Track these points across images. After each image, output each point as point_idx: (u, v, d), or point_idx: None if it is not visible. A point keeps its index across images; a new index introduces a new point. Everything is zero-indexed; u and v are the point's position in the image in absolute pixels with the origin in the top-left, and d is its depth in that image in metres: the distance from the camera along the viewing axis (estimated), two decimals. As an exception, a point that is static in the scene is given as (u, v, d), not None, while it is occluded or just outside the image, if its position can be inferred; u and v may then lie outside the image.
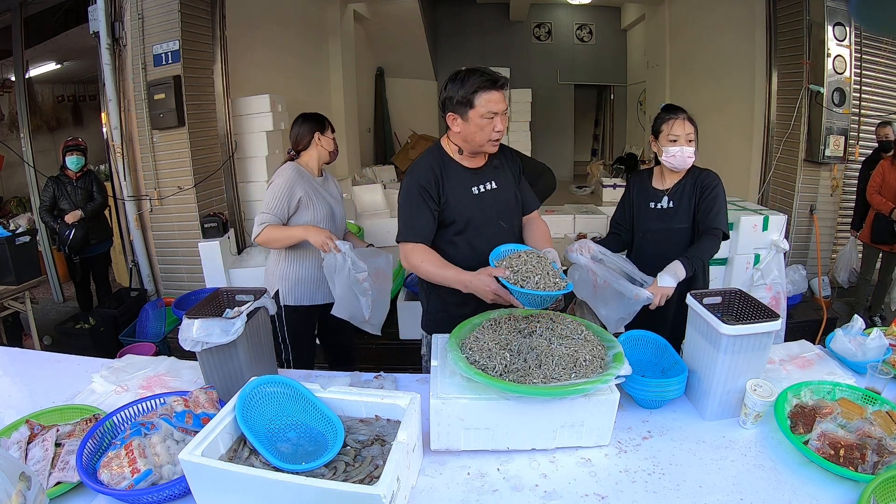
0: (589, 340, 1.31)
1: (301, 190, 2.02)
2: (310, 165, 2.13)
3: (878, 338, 1.54)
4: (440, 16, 9.20)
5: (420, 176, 1.59)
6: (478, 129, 1.52)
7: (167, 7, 3.54)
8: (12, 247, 3.27)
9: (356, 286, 1.91)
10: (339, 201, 2.21)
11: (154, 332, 3.48)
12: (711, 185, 1.87)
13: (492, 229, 1.64)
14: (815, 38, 3.77)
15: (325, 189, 2.15)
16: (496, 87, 1.48)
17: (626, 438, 1.29)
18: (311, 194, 2.06)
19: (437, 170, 1.59)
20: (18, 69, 4.62)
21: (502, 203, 1.67)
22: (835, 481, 1.12)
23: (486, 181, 1.64)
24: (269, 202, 1.99)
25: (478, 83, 1.47)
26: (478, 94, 1.48)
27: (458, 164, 1.62)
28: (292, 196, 2.00)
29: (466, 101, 1.49)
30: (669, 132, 1.86)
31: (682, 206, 1.90)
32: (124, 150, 3.74)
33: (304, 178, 2.06)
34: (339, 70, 6.75)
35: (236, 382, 1.30)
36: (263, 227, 1.96)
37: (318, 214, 2.06)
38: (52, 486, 1.10)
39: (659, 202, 1.94)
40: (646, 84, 8.60)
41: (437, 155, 1.63)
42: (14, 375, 1.63)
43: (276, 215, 1.98)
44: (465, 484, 1.15)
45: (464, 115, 1.52)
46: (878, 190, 3.57)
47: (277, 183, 2.01)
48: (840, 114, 3.81)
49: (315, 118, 2.14)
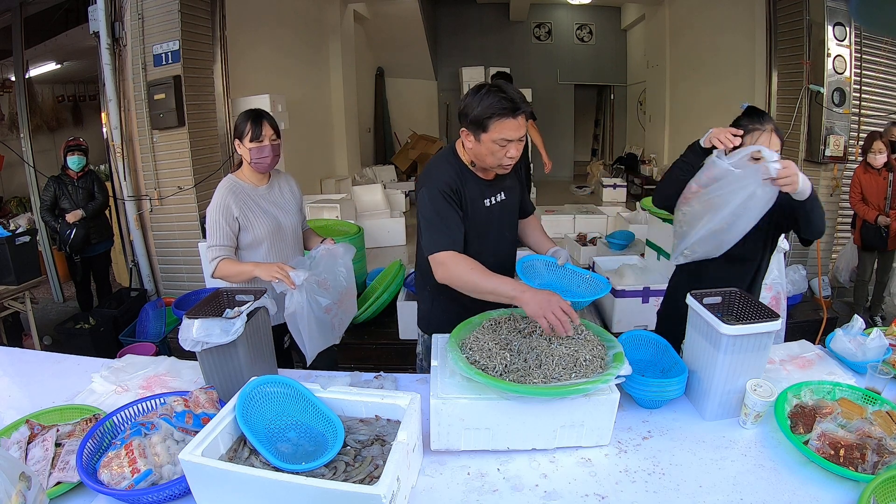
0: (589, 340, 1.31)
1: (236, 208, 1.80)
2: (246, 175, 1.88)
3: (878, 338, 1.54)
4: (440, 16, 9.21)
5: (442, 183, 1.49)
6: (489, 152, 1.44)
7: (167, 7, 3.54)
8: (12, 247, 3.27)
9: (323, 319, 1.75)
10: (291, 207, 1.95)
11: (154, 332, 3.49)
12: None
13: (497, 240, 1.63)
14: (815, 38, 3.77)
15: (268, 198, 1.89)
16: (514, 115, 1.38)
17: (626, 438, 1.29)
18: (247, 210, 1.82)
19: (457, 177, 1.52)
20: (18, 69, 4.62)
21: (508, 213, 1.66)
22: (835, 481, 1.12)
23: (496, 193, 1.60)
24: (210, 231, 1.79)
25: (495, 108, 1.37)
26: (492, 119, 1.38)
27: (473, 174, 1.56)
28: (229, 217, 1.79)
29: (480, 124, 1.40)
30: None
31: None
32: (124, 150, 3.75)
33: (237, 193, 1.82)
34: (339, 70, 6.76)
35: (236, 382, 1.30)
36: (217, 261, 1.77)
37: (259, 232, 1.84)
38: (52, 486, 1.10)
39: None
40: (646, 84, 8.61)
41: (453, 162, 1.55)
42: (14, 375, 1.63)
43: (222, 245, 1.79)
44: (465, 484, 1.15)
45: (476, 136, 1.43)
46: (860, 198, 3.57)
47: (210, 207, 1.80)
48: (840, 114, 3.82)
49: (242, 118, 1.82)
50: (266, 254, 1.88)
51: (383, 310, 3.43)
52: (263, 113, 1.84)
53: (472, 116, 1.41)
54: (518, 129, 1.41)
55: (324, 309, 1.73)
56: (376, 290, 3.49)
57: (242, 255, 1.87)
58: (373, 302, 3.38)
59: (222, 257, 1.78)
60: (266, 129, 1.80)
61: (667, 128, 7.72)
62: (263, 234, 1.85)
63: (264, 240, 1.86)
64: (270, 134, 1.82)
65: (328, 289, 1.77)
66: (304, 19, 6.04)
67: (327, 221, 4.42)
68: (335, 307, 1.79)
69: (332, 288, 1.79)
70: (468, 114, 1.42)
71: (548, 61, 9.44)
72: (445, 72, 9.23)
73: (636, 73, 9.18)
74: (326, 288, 1.76)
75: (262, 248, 1.87)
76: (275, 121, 1.86)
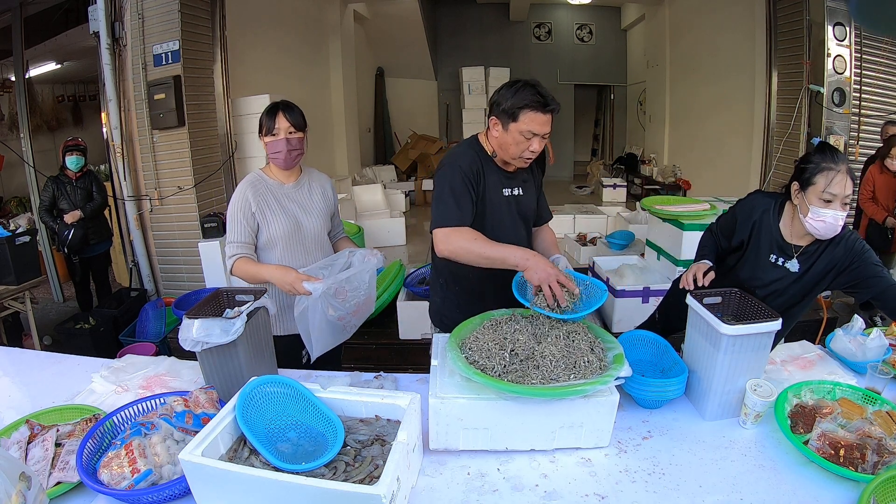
0: (589, 341, 1.31)
1: (254, 204, 1.72)
2: (273, 171, 1.81)
3: (878, 338, 1.54)
4: (440, 16, 9.21)
5: (463, 163, 1.54)
6: (514, 142, 1.50)
7: (167, 7, 3.55)
8: (12, 247, 3.27)
9: (334, 323, 1.67)
10: (318, 210, 1.84)
11: (154, 332, 3.49)
12: (861, 249, 1.48)
13: (510, 234, 1.64)
14: (815, 38, 3.77)
15: (292, 197, 1.80)
16: (544, 111, 1.46)
17: (626, 438, 1.29)
18: (266, 208, 1.74)
19: (478, 161, 1.57)
20: (18, 69, 4.62)
21: (524, 208, 1.68)
22: (835, 481, 1.12)
23: (515, 186, 1.65)
24: (229, 227, 1.73)
25: (528, 100, 1.45)
26: (524, 110, 1.46)
27: (494, 164, 1.61)
28: (247, 213, 1.72)
29: (511, 114, 1.47)
30: (827, 187, 1.40)
31: (811, 275, 1.53)
32: (124, 150, 3.75)
33: (258, 187, 1.75)
34: (339, 70, 6.76)
35: (236, 382, 1.30)
36: (234, 259, 1.71)
37: (274, 232, 1.74)
38: (52, 486, 1.09)
39: (787, 259, 1.55)
40: (646, 84, 8.61)
41: (476, 148, 1.61)
42: (14, 375, 1.63)
43: (240, 242, 1.72)
44: (465, 484, 1.15)
45: (505, 125, 1.50)
46: (871, 197, 3.57)
47: (231, 202, 1.75)
48: (840, 114, 3.82)
49: (264, 114, 1.76)
50: (280, 257, 1.77)
51: (383, 310, 3.43)
52: (282, 104, 1.75)
53: (504, 105, 1.48)
54: (545, 124, 1.48)
55: (336, 317, 1.67)
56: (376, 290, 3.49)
57: (258, 254, 1.79)
58: (373, 302, 3.38)
59: (239, 255, 1.71)
60: (281, 122, 1.72)
61: (667, 128, 7.73)
62: (279, 234, 1.74)
63: (279, 240, 1.75)
64: (287, 127, 1.72)
65: (345, 299, 1.67)
66: (304, 19, 6.05)
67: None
68: (349, 316, 1.71)
69: (349, 299, 1.69)
70: (501, 103, 1.50)
71: (548, 61, 9.45)
72: (445, 72, 9.24)
73: (636, 73, 9.18)
74: (344, 299, 1.67)
75: (277, 250, 1.77)
76: (298, 112, 1.76)
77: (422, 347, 2.00)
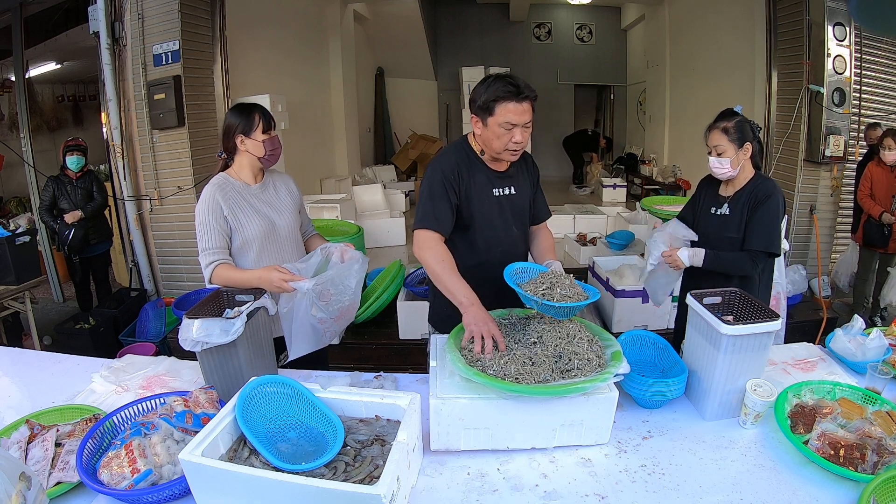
0: (587, 339, 1.31)
1: (225, 207, 1.67)
2: (241, 174, 1.76)
3: (878, 338, 1.54)
4: (440, 16, 9.20)
5: (445, 166, 1.56)
6: (495, 136, 1.50)
7: (167, 7, 3.54)
8: (12, 247, 3.27)
9: (315, 326, 1.63)
10: (287, 208, 1.82)
11: (154, 332, 3.49)
12: (763, 197, 1.79)
13: (506, 233, 1.64)
14: (815, 38, 3.77)
15: (262, 198, 1.77)
16: (517, 99, 1.45)
17: (626, 438, 1.29)
18: (239, 211, 1.69)
19: (462, 164, 1.58)
20: (18, 69, 4.62)
21: (517, 208, 1.67)
22: (835, 481, 1.12)
23: (506, 185, 1.64)
24: (200, 234, 1.68)
25: (500, 92, 1.45)
26: (498, 102, 1.45)
27: (483, 163, 1.61)
28: (218, 216, 1.67)
29: (487, 108, 1.48)
30: (707, 143, 1.87)
31: (736, 216, 1.85)
32: (124, 150, 3.75)
33: (227, 192, 1.70)
34: (339, 70, 6.76)
35: (236, 382, 1.30)
36: (213, 266, 1.65)
37: (250, 234, 1.70)
38: (52, 486, 1.10)
39: (720, 208, 1.92)
40: (646, 84, 8.61)
41: (462, 150, 1.62)
42: (14, 375, 1.63)
43: (215, 248, 1.66)
44: (465, 484, 1.15)
45: (484, 121, 1.51)
46: (869, 193, 3.57)
47: (198, 208, 1.69)
48: (840, 114, 3.82)
49: (242, 112, 1.71)
50: (256, 258, 1.73)
51: (383, 310, 3.43)
52: (256, 106, 1.74)
53: (479, 101, 1.49)
54: (522, 113, 1.47)
55: (318, 320, 1.63)
56: (376, 290, 3.49)
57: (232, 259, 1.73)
58: (373, 302, 3.38)
59: (218, 262, 1.66)
60: (263, 121, 1.72)
61: (667, 128, 7.72)
62: (254, 235, 1.71)
63: (254, 242, 1.72)
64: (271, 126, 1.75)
65: (329, 302, 1.62)
66: (304, 19, 6.04)
67: (327, 221, 4.42)
68: (330, 321, 1.66)
69: (333, 302, 1.64)
70: (476, 99, 1.51)
71: (548, 61, 9.44)
72: (445, 72, 9.23)
73: (636, 73, 9.18)
74: (327, 301, 1.62)
75: (252, 253, 1.73)
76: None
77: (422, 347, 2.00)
